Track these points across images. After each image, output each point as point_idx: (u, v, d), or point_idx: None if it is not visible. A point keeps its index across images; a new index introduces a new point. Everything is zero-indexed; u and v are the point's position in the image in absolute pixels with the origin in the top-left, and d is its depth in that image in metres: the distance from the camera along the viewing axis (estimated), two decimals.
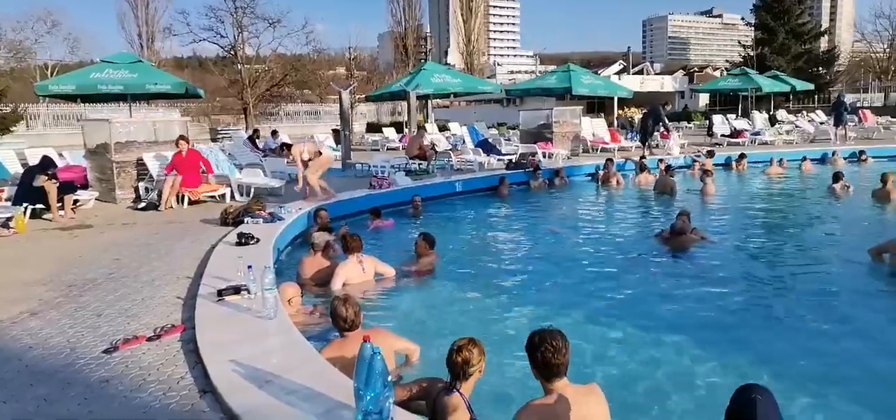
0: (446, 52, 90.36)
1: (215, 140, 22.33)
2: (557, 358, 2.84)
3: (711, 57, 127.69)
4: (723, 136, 21.23)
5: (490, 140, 17.73)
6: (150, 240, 7.37)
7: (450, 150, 16.52)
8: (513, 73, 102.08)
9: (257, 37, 35.35)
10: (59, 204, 8.85)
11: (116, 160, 10.29)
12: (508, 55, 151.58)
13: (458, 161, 14.87)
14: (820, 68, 47.33)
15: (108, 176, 10.39)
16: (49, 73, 38.46)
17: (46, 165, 9.03)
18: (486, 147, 15.84)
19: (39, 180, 8.73)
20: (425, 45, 66.64)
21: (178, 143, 9.96)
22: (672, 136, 18.48)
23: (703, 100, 47.12)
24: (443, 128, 24.40)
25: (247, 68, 34.24)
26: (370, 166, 13.98)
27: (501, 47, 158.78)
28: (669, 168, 13.05)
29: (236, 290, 4.68)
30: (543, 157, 15.48)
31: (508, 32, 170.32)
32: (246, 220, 7.74)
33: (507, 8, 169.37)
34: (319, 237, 6.59)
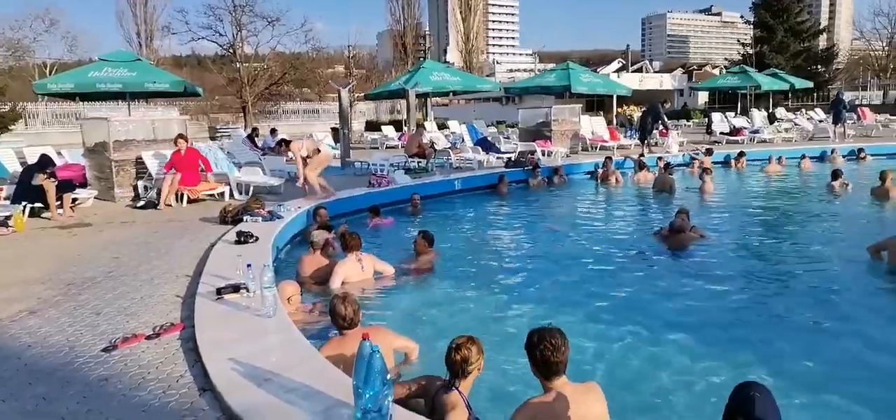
0: (445, 51, 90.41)
1: (214, 138, 22.31)
2: (556, 356, 2.85)
3: (710, 55, 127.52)
4: (722, 133, 21.27)
5: (489, 138, 17.73)
6: (149, 238, 7.37)
7: (449, 148, 16.52)
8: (512, 71, 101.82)
9: (256, 35, 35.32)
10: (58, 202, 8.85)
11: (115, 159, 10.29)
12: (507, 53, 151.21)
13: (457, 159, 14.86)
14: (819, 66, 47.41)
15: (106, 174, 10.38)
16: (47, 72, 38.37)
17: (45, 164, 9.02)
18: (485, 145, 15.83)
19: (38, 179, 8.72)
20: (424, 43, 66.65)
21: (176, 142, 9.96)
22: (671, 134, 18.52)
23: (702, 98, 47.20)
24: (442, 126, 24.38)
25: (245, 67, 34.18)
26: (369, 164, 13.97)
27: (500, 45, 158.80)
28: (668, 166, 13.05)
29: (235, 289, 4.69)
30: (542, 155, 15.47)
31: (507, 30, 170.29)
32: (245, 218, 7.74)
33: (506, 6, 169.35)
34: (318, 235, 6.59)
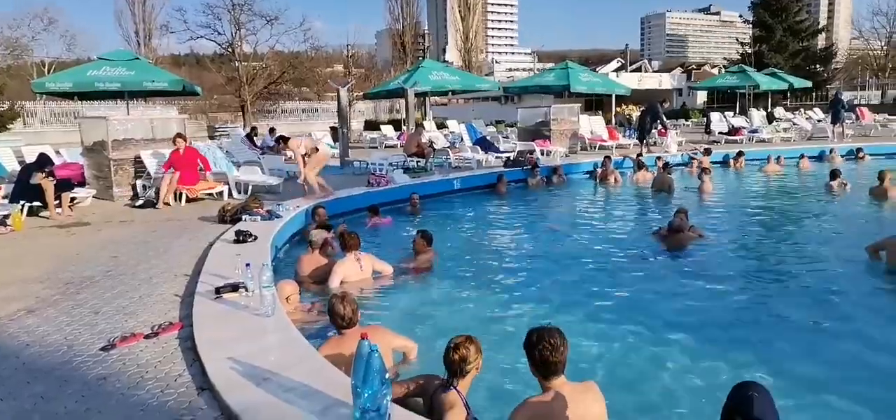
0: (444, 50, 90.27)
1: (213, 137, 22.29)
2: (555, 356, 2.85)
3: (709, 54, 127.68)
4: (720, 133, 21.29)
5: (488, 137, 17.70)
6: (147, 237, 7.36)
7: (448, 147, 16.53)
8: (511, 70, 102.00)
9: (255, 34, 35.40)
10: (57, 201, 8.84)
11: (114, 158, 10.28)
12: (506, 52, 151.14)
13: (457, 159, 14.86)
14: (817, 66, 47.40)
15: (105, 173, 10.37)
16: (46, 71, 38.29)
17: (43, 163, 9.02)
18: (484, 145, 15.83)
19: (36, 178, 8.71)
20: (423, 42, 66.60)
21: (175, 141, 9.95)
22: (670, 133, 18.49)
23: (701, 97, 47.19)
24: (441, 125, 24.36)
25: (244, 66, 34.19)
26: (368, 164, 13.95)
27: (499, 45, 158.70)
28: (667, 165, 13.05)
29: (234, 288, 4.69)
30: (541, 154, 15.47)
31: (506, 30, 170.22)
32: (244, 217, 7.73)
33: (506, 5, 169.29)
34: (317, 235, 6.59)
